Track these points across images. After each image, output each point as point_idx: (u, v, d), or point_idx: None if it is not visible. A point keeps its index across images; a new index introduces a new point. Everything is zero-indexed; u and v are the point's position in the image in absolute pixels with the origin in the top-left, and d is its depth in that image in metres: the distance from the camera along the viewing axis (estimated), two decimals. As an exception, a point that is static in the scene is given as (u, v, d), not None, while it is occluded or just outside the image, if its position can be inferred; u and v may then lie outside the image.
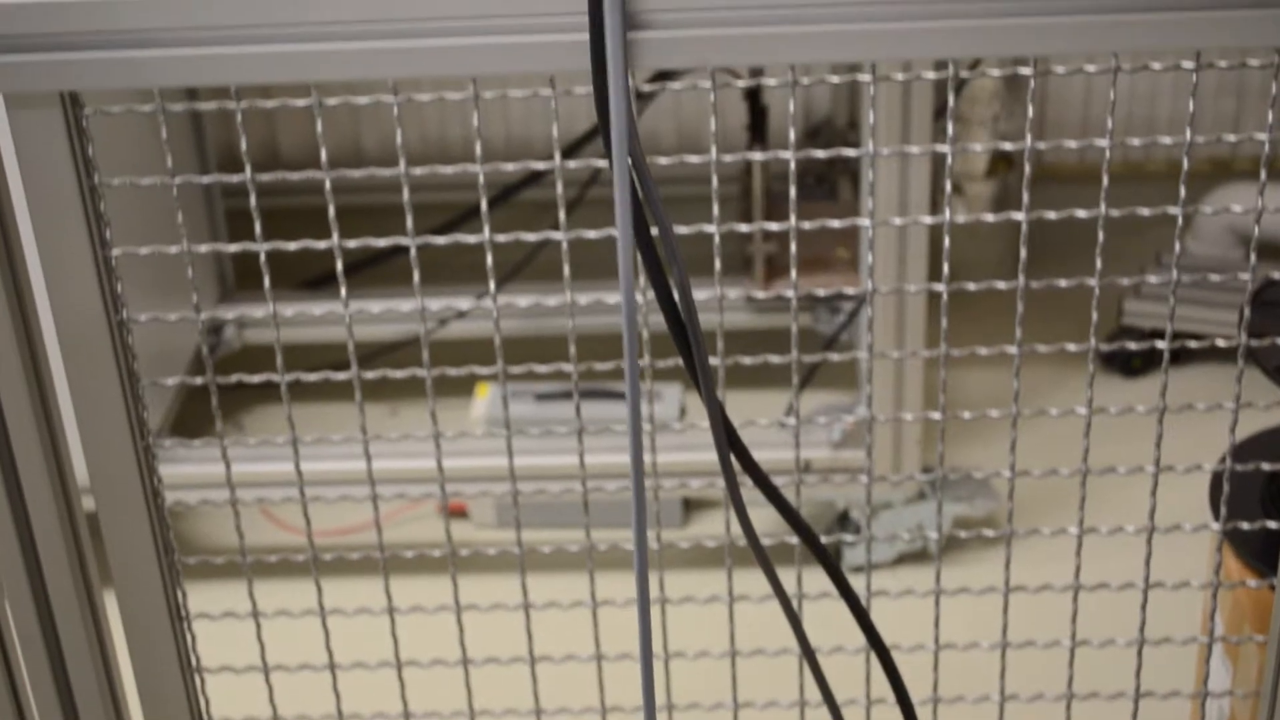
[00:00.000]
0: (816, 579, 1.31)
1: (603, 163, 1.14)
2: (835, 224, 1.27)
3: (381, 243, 1.28)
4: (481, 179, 1.21)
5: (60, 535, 1.23)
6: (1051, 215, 1.26)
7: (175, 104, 1.20)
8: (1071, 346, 1.29)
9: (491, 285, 1.26)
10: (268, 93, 2.34)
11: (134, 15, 1.03)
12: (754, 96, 2.66)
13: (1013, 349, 1.28)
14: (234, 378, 1.36)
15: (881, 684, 1.32)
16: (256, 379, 1.35)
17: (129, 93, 1.72)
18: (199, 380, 1.32)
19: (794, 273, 1.24)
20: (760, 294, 2.57)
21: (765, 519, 1.31)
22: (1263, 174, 1.21)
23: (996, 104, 2.85)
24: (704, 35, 1.04)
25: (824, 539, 1.26)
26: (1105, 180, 1.21)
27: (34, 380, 1.19)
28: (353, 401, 1.30)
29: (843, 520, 2.52)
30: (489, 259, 1.25)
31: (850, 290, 1.37)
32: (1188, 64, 1.20)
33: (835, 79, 1.40)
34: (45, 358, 1.20)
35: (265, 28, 1.04)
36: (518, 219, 2.32)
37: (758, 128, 2.66)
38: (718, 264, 1.25)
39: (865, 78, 1.20)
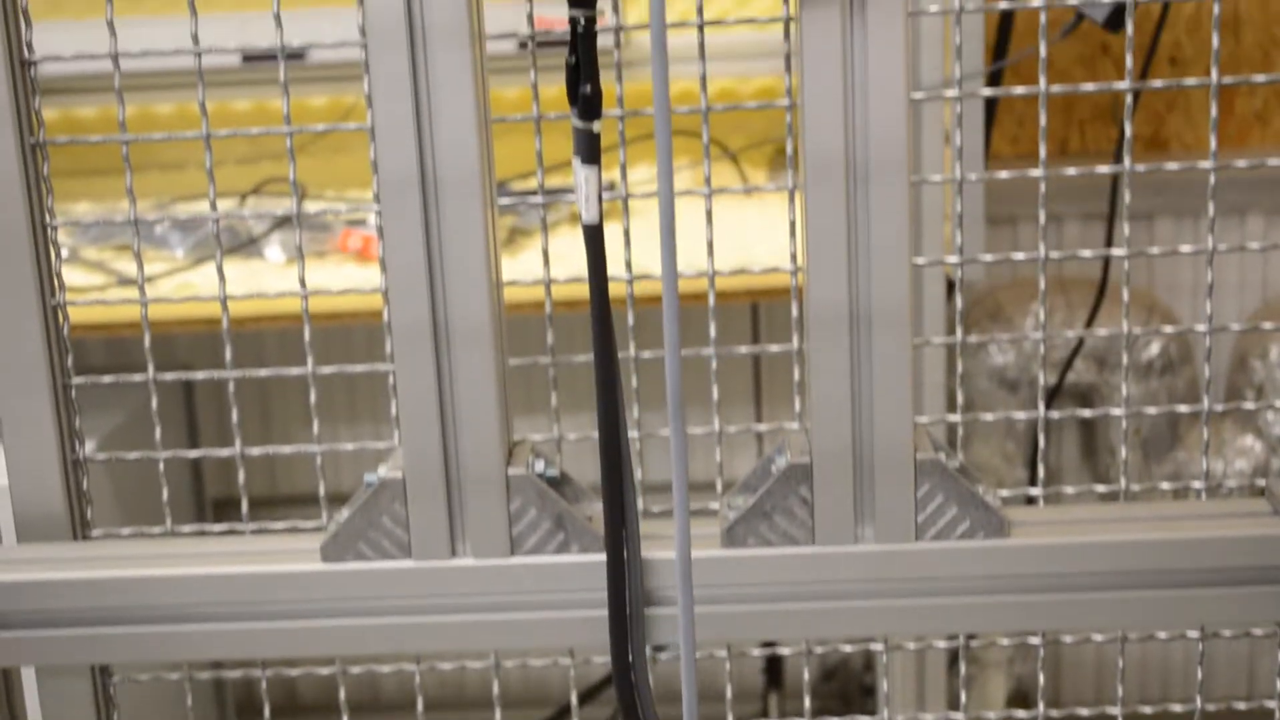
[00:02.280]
0: None
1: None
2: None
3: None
4: (500, 746, 1.22)
5: None
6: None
7: (202, 672, 1.23)
8: None
9: None
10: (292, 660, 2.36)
11: (166, 592, 1.07)
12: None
13: None
14: None
15: None
16: None
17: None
18: None
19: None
20: None
21: None
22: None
23: (1011, 649, 2.86)
24: (718, 611, 1.06)
25: None
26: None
27: None
28: None
29: None
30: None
31: None
32: (1193, 633, 1.22)
33: (849, 647, 1.42)
34: None
35: (292, 603, 1.07)
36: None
37: (773, 671, 2.66)
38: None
39: (878, 646, 1.22)
